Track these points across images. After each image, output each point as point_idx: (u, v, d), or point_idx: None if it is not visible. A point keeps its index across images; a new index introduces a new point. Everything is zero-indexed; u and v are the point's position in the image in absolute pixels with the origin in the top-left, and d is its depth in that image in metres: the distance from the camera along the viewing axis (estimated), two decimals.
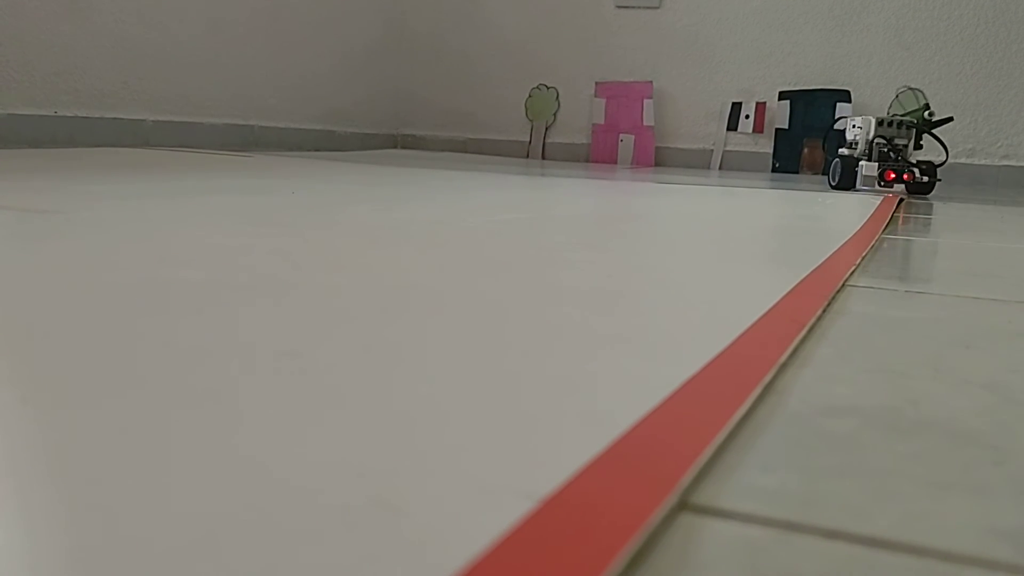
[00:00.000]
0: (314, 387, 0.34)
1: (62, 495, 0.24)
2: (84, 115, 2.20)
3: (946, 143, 2.21)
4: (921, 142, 2.00)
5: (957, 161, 2.88)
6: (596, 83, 3.23)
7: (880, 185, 1.94)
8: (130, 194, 1.06)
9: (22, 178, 1.20)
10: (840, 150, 2.03)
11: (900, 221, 1.35)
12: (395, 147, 3.44)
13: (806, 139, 3.03)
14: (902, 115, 1.99)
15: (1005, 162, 2.90)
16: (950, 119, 2.05)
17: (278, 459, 0.27)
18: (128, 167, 1.55)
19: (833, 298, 0.61)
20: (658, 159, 3.19)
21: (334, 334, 0.43)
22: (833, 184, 2.01)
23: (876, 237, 1.03)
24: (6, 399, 0.31)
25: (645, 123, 3.16)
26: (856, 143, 1.99)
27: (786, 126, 3.05)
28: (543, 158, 3.30)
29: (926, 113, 1.98)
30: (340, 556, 0.21)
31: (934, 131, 2.00)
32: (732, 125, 3.12)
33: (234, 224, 0.84)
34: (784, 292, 0.60)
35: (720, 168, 3.12)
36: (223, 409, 0.31)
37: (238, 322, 0.45)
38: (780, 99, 3.05)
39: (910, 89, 2.86)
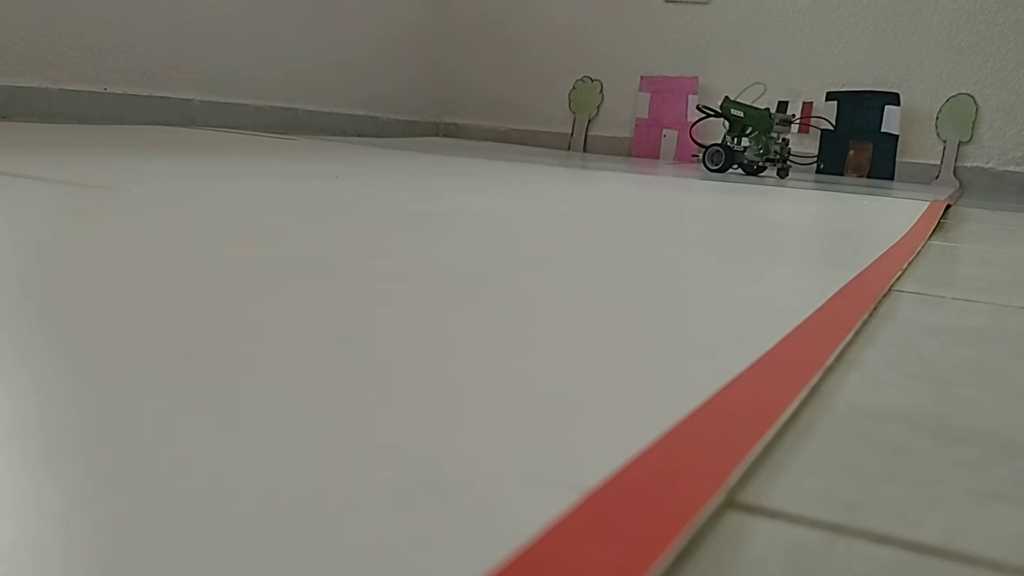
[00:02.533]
0: (361, 368, 0.35)
1: (113, 466, 0.24)
2: (133, 93, 2.22)
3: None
4: (774, 134, 2.33)
5: (1007, 169, 2.83)
6: (641, 77, 3.21)
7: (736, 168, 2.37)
8: (177, 172, 1.08)
9: (73, 153, 1.22)
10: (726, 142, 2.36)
11: (947, 227, 1.33)
12: (437, 135, 3.45)
13: (852, 141, 2.99)
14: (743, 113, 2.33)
15: None
16: (792, 117, 2.42)
17: (328, 439, 0.27)
18: (175, 146, 1.57)
19: (879, 303, 0.61)
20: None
21: (380, 318, 0.43)
22: (712, 168, 2.35)
23: (923, 243, 1.02)
24: (59, 371, 0.32)
25: (689, 119, 3.14)
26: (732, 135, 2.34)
27: (832, 127, 3.01)
28: (584, 151, 3.29)
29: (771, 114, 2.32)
30: (391, 536, 0.21)
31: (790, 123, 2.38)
32: None
33: (279, 206, 0.84)
34: (830, 295, 0.60)
35: None
36: (274, 388, 0.32)
37: (285, 303, 0.45)
38: (827, 100, 3.02)
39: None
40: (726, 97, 2.43)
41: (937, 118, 2.90)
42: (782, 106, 3.04)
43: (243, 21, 2.52)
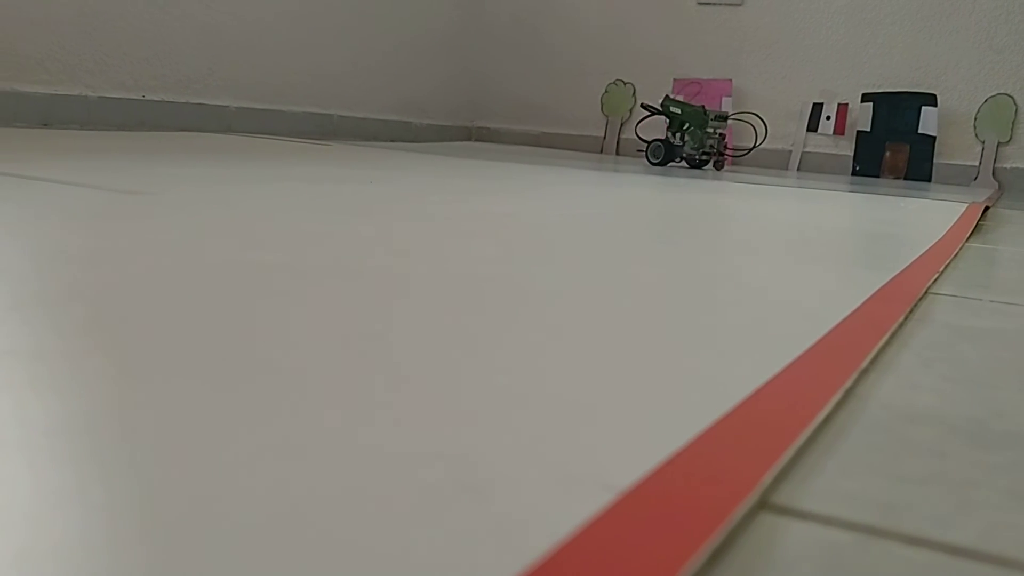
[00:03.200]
0: (394, 370, 0.35)
1: (148, 469, 0.25)
2: (170, 100, 2.26)
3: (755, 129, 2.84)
4: (711, 130, 2.49)
5: None
6: (674, 79, 3.20)
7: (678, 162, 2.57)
8: (214, 178, 1.09)
9: (113, 160, 1.24)
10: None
11: (986, 229, 1.31)
12: (469, 139, 3.46)
13: (888, 142, 2.96)
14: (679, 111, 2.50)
15: None
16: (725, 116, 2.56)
17: (362, 441, 0.28)
18: (211, 152, 1.59)
19: (915, 305, 0.60)
20: (734, 158, 3.15)
21: (412, 320, 0.44)
22: (653, 162, 2.53)
23: (960, 245, 1.01)
24: (102, 372, 0.33)
25: None
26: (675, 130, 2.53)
27: (868, 129, 2.98)
28: (617, 154, 3.29)
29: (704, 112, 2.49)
30: (424, 537, 0.21)
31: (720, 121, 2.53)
32: (812, 126, 3.07)
33: (312, 211, 0.85)
34: (865, 297, 0.59)
35: (798, 169, 3.07)
36: (306, 389, 0.32)
37: (319, 305, 0.46)
38: (863, 101, 2.99)
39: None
40: (666, 96, 2.57)
41: (975, 119, 2.86)
42: (816, 108, 3.01)
43: (278, 29, 2.55)
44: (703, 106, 2.49)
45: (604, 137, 3.34)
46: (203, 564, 0.19)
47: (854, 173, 3.01)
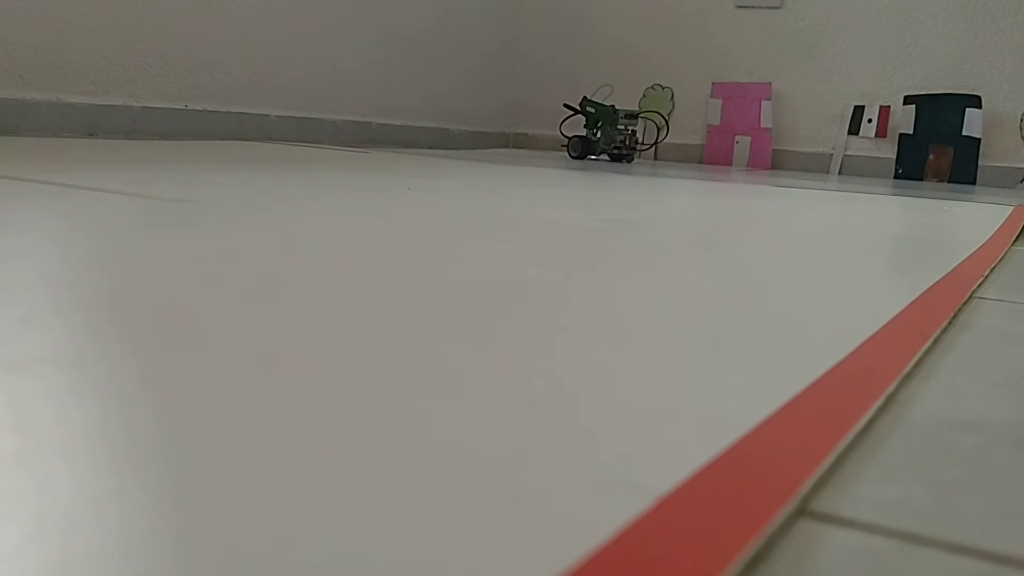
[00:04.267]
0: (430, 374, 0.35)
1: (188, 475, 0.25)
2: (212, 109, 2.29)
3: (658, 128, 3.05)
4: (622, 127, 2.72)
5: None
6: (713, 83, 3.19)
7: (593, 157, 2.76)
8: (255, 186, 1.11)
9: (156, 168, 1.26)
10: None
11: None
12: (507, 146, 3.47)
13: (932, 145, 2.92)
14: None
15: None
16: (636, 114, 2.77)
17: (402, 445, 0.28)
18: (253, 160, 1.61)
19: (960, 310, 0.59)
20: (775, 162, 3.13)
21: (447, 325, 0.44)
22: (573, 156, 2.75)
23: (1006, 248, 0.99)
24: (146, 377, 0.33)
25: (762, 125, 3.11)
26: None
27: (911, 131, 2.94)
28: (655, 159, 3.28)
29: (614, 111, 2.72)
30: (462, 541, 0.22)
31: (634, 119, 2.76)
32: (853, 129, 3.03)
33: (353, 217, 0.86)
34: (908, 302, 0.59)
35: (840, 173, 3.04)
36: (342, 393, 0.32)
37: (358, 310, 0.46)
38: (905, 103, 2.95)
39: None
40: (584, 97, 2.77)
41: (1022, 120, 2.81)
42: (858, 111, 2.98)
43: (317, 38, 2.57)
44: (612, 105, 2.73)
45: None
46: (239, 568, 0.20)
47: (896, 176, 2.98)
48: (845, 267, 0.75)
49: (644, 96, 3.30)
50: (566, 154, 2.81)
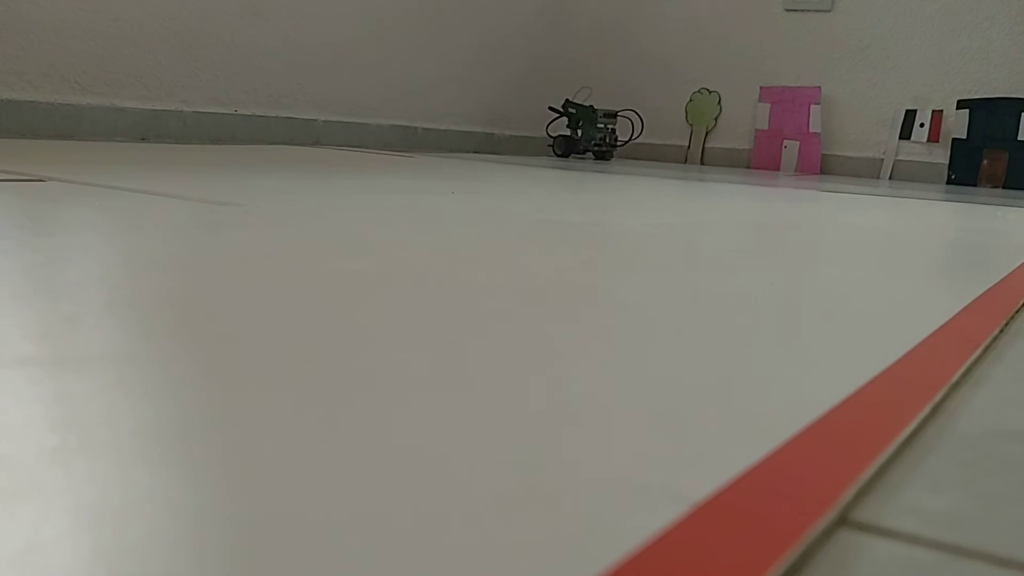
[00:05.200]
0: (470, 377, 0.35)
1: (238, 471, 0.25)
2: (261, 114, 2.32)
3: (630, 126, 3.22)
4: (602, 125, 2.87)
5: None
6: (761, 87, 3.16)
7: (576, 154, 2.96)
8: (302, 190, 1.12)
9: (207, 172, 1.28)
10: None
11: None
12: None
13: (986, 150, 2.86)
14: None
15: None
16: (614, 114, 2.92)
17: (436, 444, 0.28)
18: (300, 164, 1.63)
19: (1012, 318, 0.58)
20: (824, 167, 3.09)
21: (488, 328, 0.44)
22: (558, 154, 2.94)
23: None
24: (195, 375, 0.34)
25: (811, 129, 3.07)
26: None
27: (964, 136, 2.89)
28: (702, 163, 3.25)
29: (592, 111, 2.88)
30: (496, 544, 0.21)
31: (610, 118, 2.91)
32: (905, 133, 2.98)
33: (397, 221, 0.87)
34: (958, 309, 0.57)
35: (890, 178, 2.99)
36: (386, 394, 0.32)
37: (400, 313, 0.46)
38: (959, 108, 2.90)
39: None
40: (566, 99, 2.92)
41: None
42: (909, 116, 2.93)
43: (364, 44, 2.60)
44: (591, 106, 2.89)
45: (688, 146, 3.31)
46: (269, 566, 0.20)
47: (949, 182, 2.92)
48: (894, 273, 0.73)
49: (691, 100, 3.28)
50: (552, 152, 2.99)
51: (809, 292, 0.62)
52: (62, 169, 1.16)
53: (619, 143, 2.97)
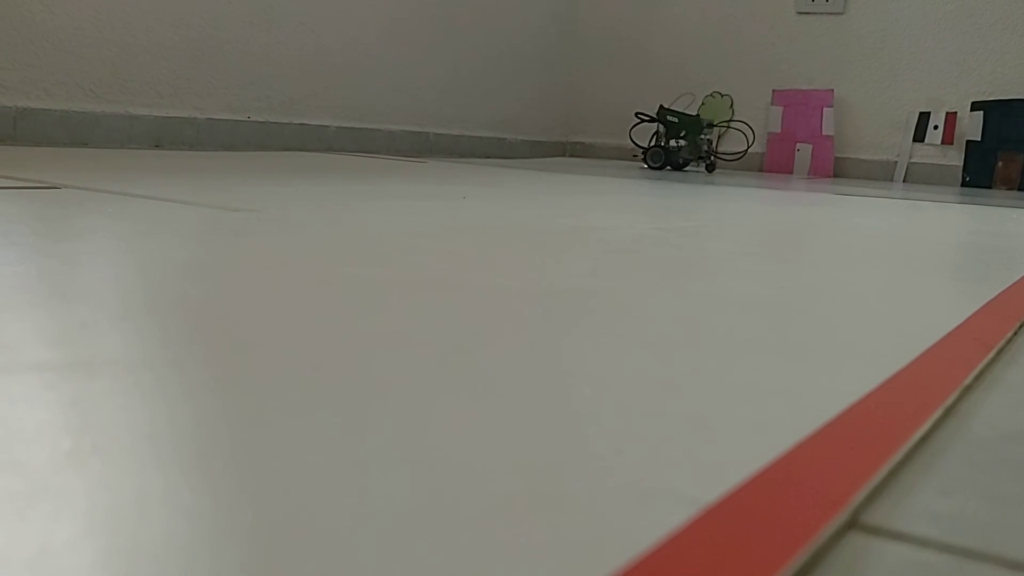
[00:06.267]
0: (479, 381, 0.35)
1: (248, 474, 0.25)
2: (274, 121, 2.33)
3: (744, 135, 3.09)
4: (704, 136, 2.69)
5: None
6: (773, 91, 3.15)
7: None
8: (315, 196, 1.12)
9: (220, 178, 1.29)
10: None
11: None
12: (564, 155, 3.47)
13: (1001, 152, 2.84)
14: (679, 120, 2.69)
15: None
16: (710, 124, 2.73)
17: (446, 448, 0.28)
18: (313, 170, 1.63)
19: None
20: (837, 170, 3.08)
21: (499, 332, 0.44)
22: (654, 166, 2.72)
23: None
24: (207, 380, 0.34)
25: (824, 132, 3.06)
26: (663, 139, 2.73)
27: (978, 138, 2.87)
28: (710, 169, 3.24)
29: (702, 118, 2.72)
30: (504, 548, 0.22)
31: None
32: (919, 136, 2.97)
33: (408, 226, 0.87)
34: (972, 311, 0.57)
35: (904, 181, 2.98)
36: (397, 398, 0.33)
37: (411, 318, 0.47)
38: (973, 109, 2.88)
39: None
40: (661, 106, 2.73)
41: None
42: (923, 118, 2.92)
43: (376, 51, 2.60)
44: (698, 115, 2.73)
45: None
46: (296, 570, 0.20)
47: (964, 184, 2.91)
48: (907, 276, 0.73)
49: (703, 104, 3.27)
50: (642, 164, 2.77)
51: (822, 294, 0.62)
52: (77, 176, 1.17)
53: (729, 155, 2.81)
